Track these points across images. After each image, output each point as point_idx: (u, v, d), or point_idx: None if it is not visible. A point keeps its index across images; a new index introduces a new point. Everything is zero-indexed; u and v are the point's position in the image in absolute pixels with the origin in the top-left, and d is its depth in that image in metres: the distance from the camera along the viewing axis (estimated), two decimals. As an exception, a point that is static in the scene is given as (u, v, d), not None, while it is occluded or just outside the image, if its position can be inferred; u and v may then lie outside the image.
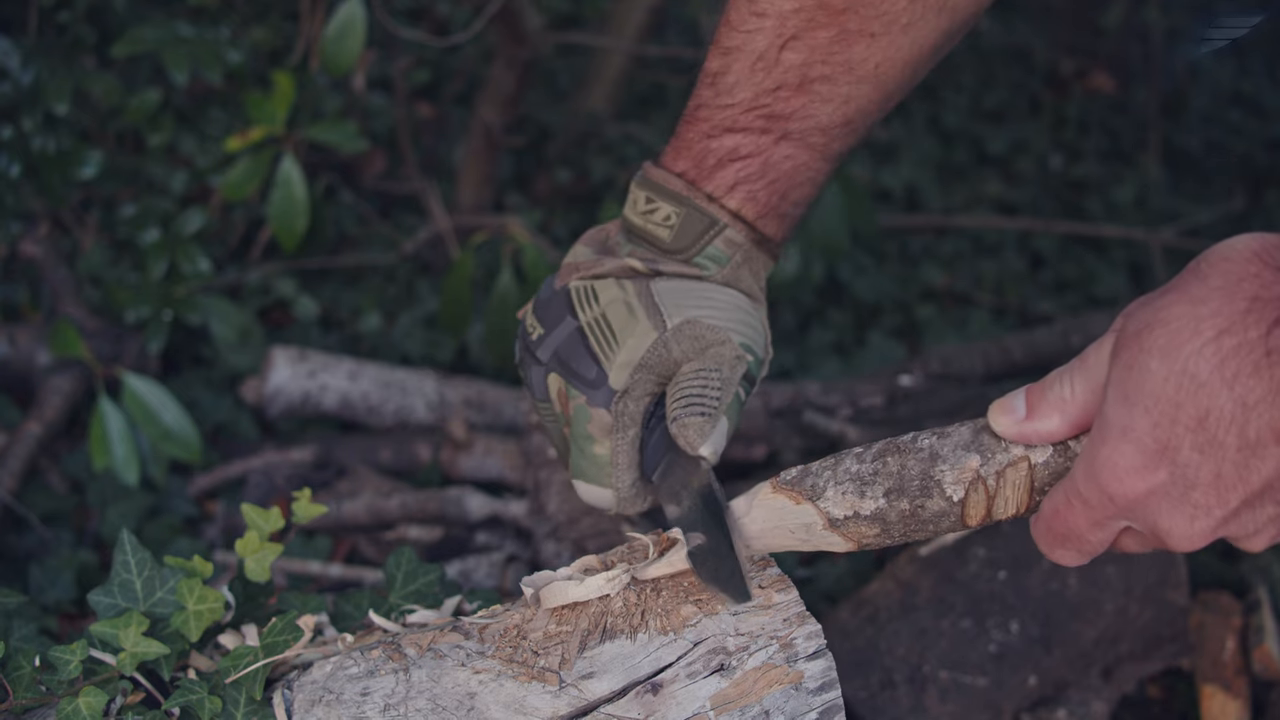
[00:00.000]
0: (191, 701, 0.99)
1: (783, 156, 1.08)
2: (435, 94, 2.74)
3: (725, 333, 1.06)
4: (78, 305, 1.85)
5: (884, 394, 1.89)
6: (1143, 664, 1.50)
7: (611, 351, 1.08)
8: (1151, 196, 3.02)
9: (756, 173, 1.09)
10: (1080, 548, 0.86)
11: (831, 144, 1.09)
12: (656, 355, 1.07)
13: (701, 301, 1.08)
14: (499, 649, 0.97)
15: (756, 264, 1.12)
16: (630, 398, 1.08)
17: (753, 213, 1.10)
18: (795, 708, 0.95)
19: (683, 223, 1.09)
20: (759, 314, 1.12)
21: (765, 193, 1.09)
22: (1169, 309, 0.77)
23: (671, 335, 1.06)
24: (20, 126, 1.90)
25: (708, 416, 1.02)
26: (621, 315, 1.09)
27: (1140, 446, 0.78)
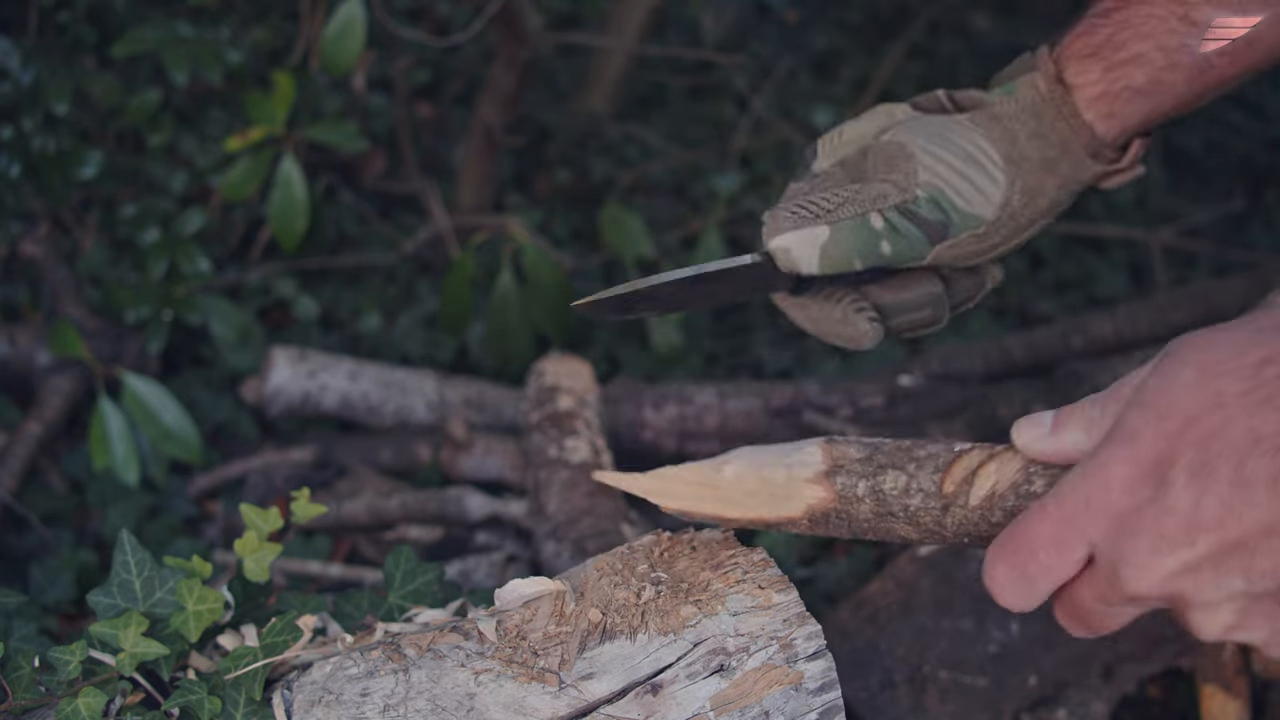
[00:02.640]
0: (191, 702, 0.99)
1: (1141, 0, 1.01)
2: (435, 94, 2.74)
3: (915, 164, 1.02)
4: (78, 305, 1.85)
5: (884, 394, 1.89)
6: (1143, 664, 1.50)
7: (833, 143, 1.09)
8: (1151, 196, 3.01)
9: (1110, 8, 1.02)
10: (1027, 566, 0.77)
11: (1196, 7, 0.99)
12: (856, 158, 1.06)
13: (933, 134, 1.04)
14: (499, 649, 0.97)
15: (1046, 123, 1.03)
16: (818, 183, 1.07)
17: (1080, 48, 1.02)
18: (795, 708, 0.95)
19: (1017, 62, 1.07)
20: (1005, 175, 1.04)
21: (1105, 30, 1.02)
22: (1224, 330, 0.74)
23: (876, 146, 1.05)
24: (20, 126, 1.90)
25: (796, 216, 1.00)
26: (864, 121, 1.09)
27: (1139, 455, 0.73)
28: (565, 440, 1.60)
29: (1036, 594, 0.79)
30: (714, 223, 2.17)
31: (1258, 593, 0.71)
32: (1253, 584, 0.71)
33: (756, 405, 1.86)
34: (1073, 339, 1.97)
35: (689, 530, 1.06)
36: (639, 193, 2.69)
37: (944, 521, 0.87)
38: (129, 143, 2.12)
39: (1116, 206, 2.95)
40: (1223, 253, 2.65)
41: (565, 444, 1.60)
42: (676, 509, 1.00)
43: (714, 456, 1.00)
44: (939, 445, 0.89)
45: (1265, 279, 1.85)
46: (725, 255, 2.13)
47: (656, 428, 1.84)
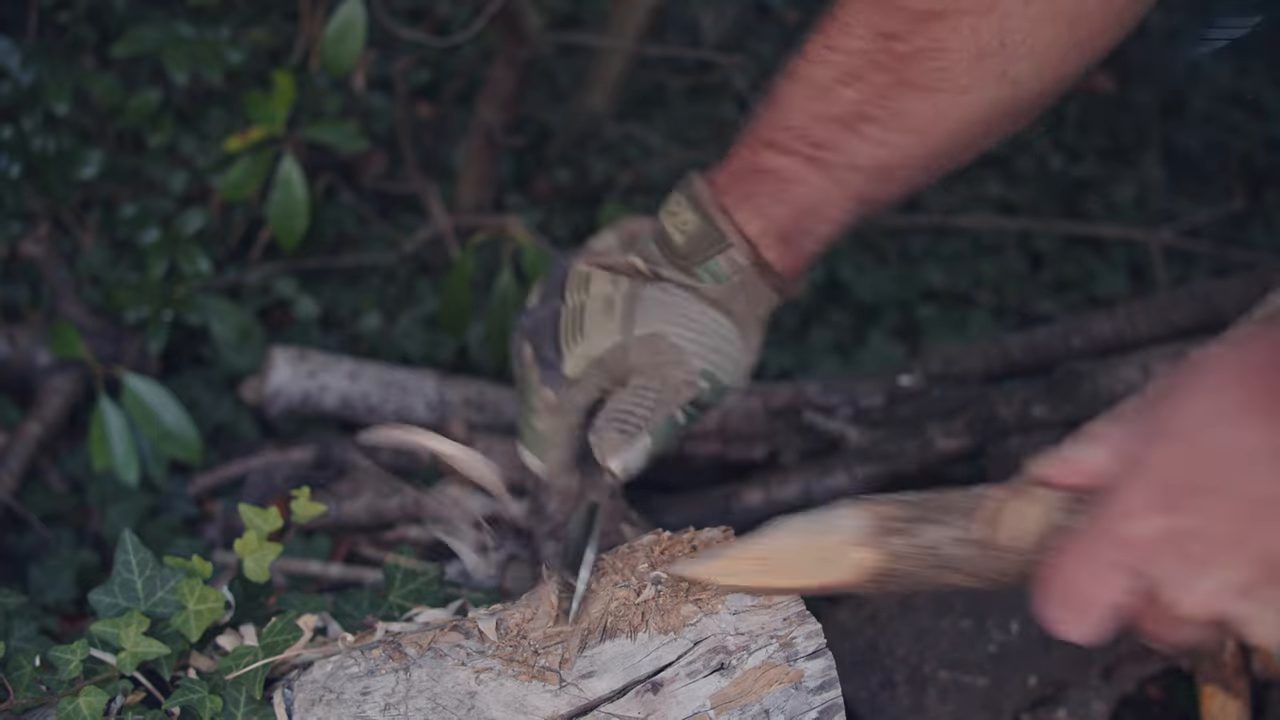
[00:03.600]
0: (192, 701, 0.99)
1: (810, 185, 1.09)
2: (435, 94, 2.74)
3: (686, 355, 1.09)
4: (78, 305, 1.85)
5: (884, 394, 1.89)
6: (1143, 664, 1.50)
7: (575, 341, 1.13)
8: (1151, 196, 3.01)
9: (778, 193, 1.09)
10: (1076, 603, 0.79)
11: (863, 186, 1.09)
12: (614, 357, 1.11)
13: (681, 319, 1.10)
14: (499, 648, 0.97)
15: (755, 290, 1.12)
16: (579, 389, 1.13)
17: (759, 230, 1.10)
18: (795, 707, 0.95)
19: (695, 231, 1.11)
20: (742, 341, 1.12)
21: (780, 211, 1.10)
22: (1224, 353, 0.74)
23: (634, 342, 1.10)
24: (20, 126, 1.90)
25: (626, 434, 1.07)
26: (598, 310, 1.12)
27: (1156, 483, 0.74)
28: (565, 440, 1.60)
29: (1096, 624, 0.80)
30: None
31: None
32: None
33: (756, 405, 1.85)
34: (1073, 339, 1.97)
35: (689, 530, 1.06)
36: (639, 193, 2.69)
37: (981, 565, 0.88)
38: (129, 143, 2.12)
39: (1116, 206, 2.95)
40: (1223, 253, 2.65)
41: (565, 444, 1.60)
42: (743, 586, 0.99)
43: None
44: (960, 495, 0.91)
45: (1265, 279, 1.85)
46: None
47: (656, 427, 1.84)
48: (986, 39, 1.01)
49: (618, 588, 0.99)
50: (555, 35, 2.53)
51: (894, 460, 1.75)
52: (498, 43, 2.13)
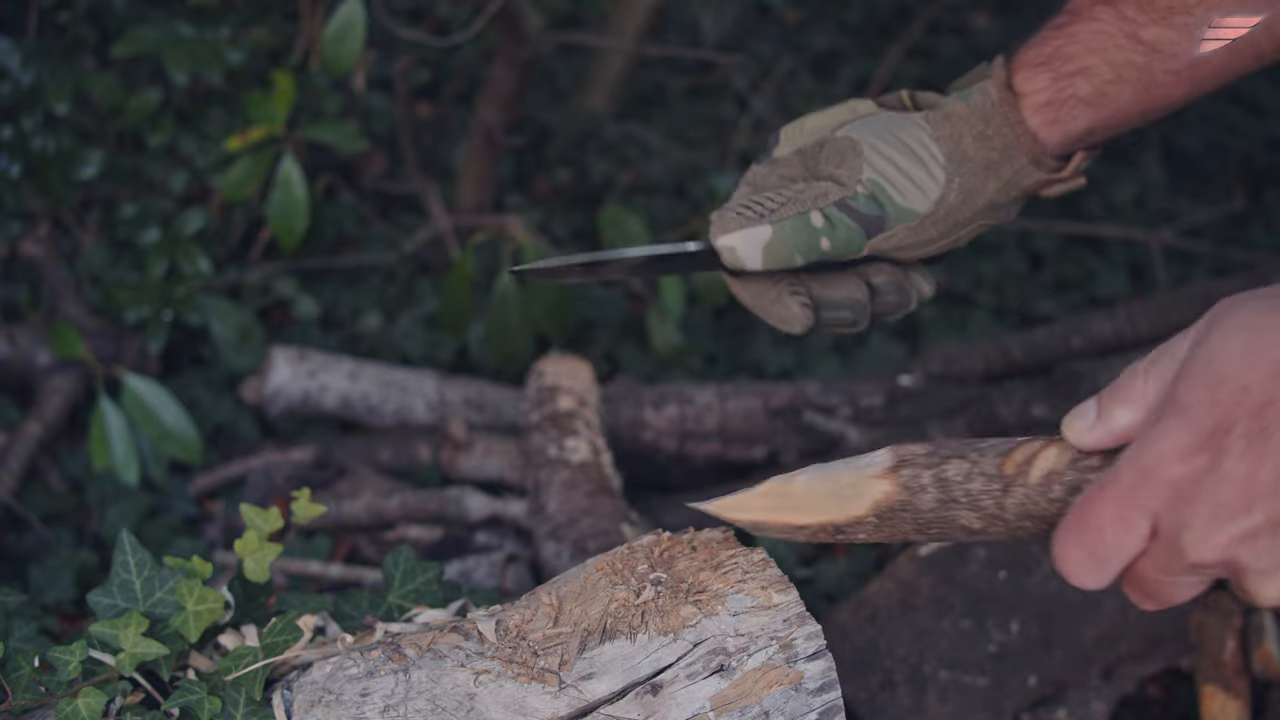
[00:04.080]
0: (191, 702, 0.99)
1: (1091, 16, 1.05)
2: (435, 94, 2.74)
3: (861, 160, 1.06)
4: (78, 305, 1.85)
5: (884, 394, 1.89)
6: (1143, 664, 1.50)
7: (794, 133, 1.13)
8: (1151, 196, 3.01)
9: (1064, 22, 1.07)
10: (1096, 546, 0.78)
11: (1143, 26, 1.04)
12: (812, 149, 1.11)
13: (883, 131, 1.08)
14: (499, 650, 0.97)
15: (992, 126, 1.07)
16: (775, 169, 1.12)
17: (1029, 58, 1.07)
18: (795, 708, 0.95)
19: (974, 71, 1.11)
20: (945, 174, 1.07)
21: (1056, 42, 1.06)
22: (1268, 295, 0.74)
23: (831, 140, 1.09)
24: (20, 126, 1.90)
25: (742, 216, 1.05)
26: (834, 116, 1.13)
27: (1193, 425, 0.73)
28: (565, 440, 1.60)
29: (1108, 571, 0.79)
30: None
31: None
32: None
33: (756, 405, 1.85)
34: (1073, 339, 1.97)
35: (689, 530, 1.06)
36: (639, 193, 2.69)
37: (1005, 503, 0.87)
38: (129, 143, 2.12)
39: (1116, 206, 2.95)
40: (1223, 253, 2.65)
41: (565, 444, 1.60)
42: (749, 520, 0.98)
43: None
44: (999, 440, 0.91)
45: (1265, 279, 1.85)
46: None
47: (656, 428, 1.84)
48: None
49: (617, 588, 0.99)
50: (555, 35, 2.53)
51: (894, 460, 1.74)
52: (498, 43, 2.13)
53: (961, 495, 0.89)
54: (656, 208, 2.59)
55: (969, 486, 0.88)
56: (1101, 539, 0.78)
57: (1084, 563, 0.79)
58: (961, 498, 0.89)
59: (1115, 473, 0.77)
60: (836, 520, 0.93)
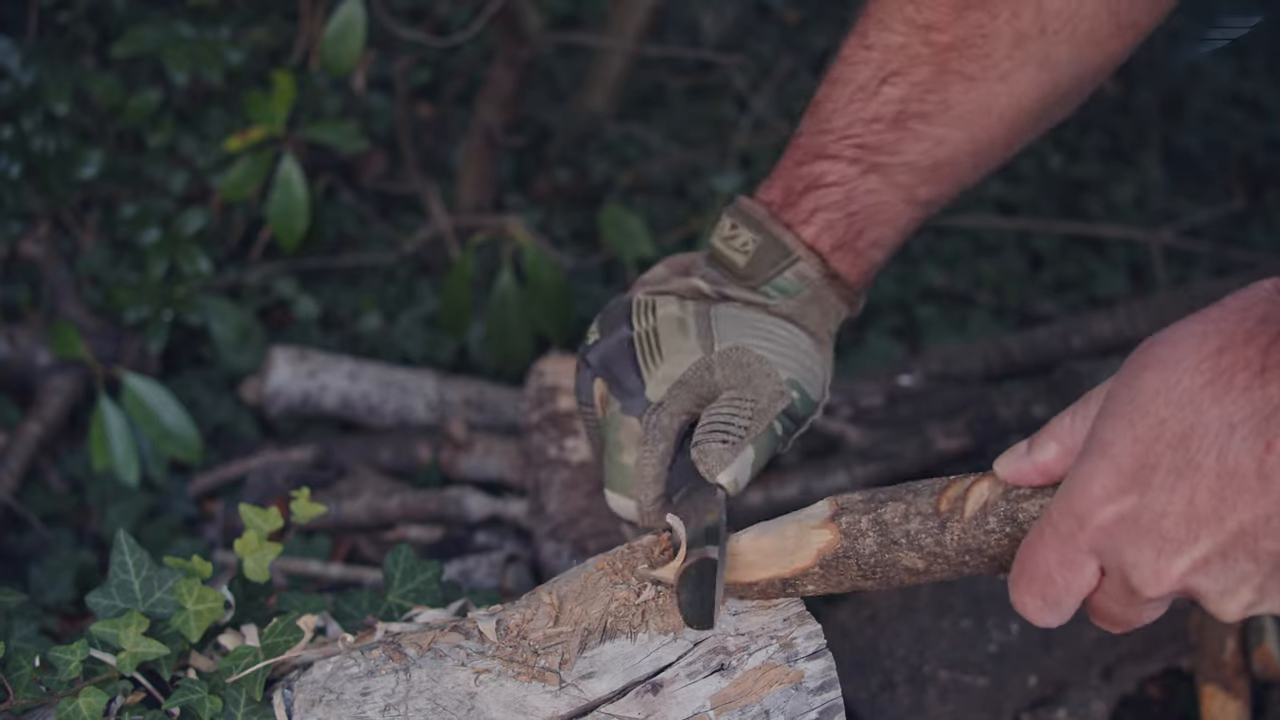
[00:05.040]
0: (192, 701, 0.99)
1: (866, 190, 1.08)
2: (435, 94, 2.74)
3: (772, 365, 1.07)
4: (78, 305, 1.85)
5: (884, 394, 1.89)
6: (1143, 664, 1.50)
7: (654, 364, 1.09)
8: (1151, 196, 3.02)
9: (839, 202, 1.09)
10: (1046, 592, 0.79)
11: (917, 187, 1.09)
12: (698, 375, 1.08)
13: (757, 332, 1.09)
14: (499, 649, 0.97)
15: (826, 304, 1.11)
16: (665, 412, 1.08)
17: (828, 243, 1.10)
18: (795, 707, 0.95)
19: (759, 250, 1.10)
20: (819, 355, 1.11)
21: (843, 224, 1.09)
22: (1178, 328, 0.75)
23: (717, 358, 1.07)
24: (20, 126, 1.90)
25: (730, 445, 1.03)
26: (672, 331, 1.10)
27: (1117, 464, 0.74)
28: (565, 440, 1.60)
29: (1065, 610, 0.81)
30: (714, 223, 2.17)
31: (1269, 570, 0.72)
32: (1262, 564, 0.72)
33: (756, 405, 1.85)
34: (1073, 339, 1.97)
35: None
36: (639, 193, 2.69)
37: (943, 540, 0.88)
38: (129, 143, 2.12)
39: (1116, 206, 2.95)
40: (1223, 253, 2.65)
41: (565, 444, 1.60)
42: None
43: None
44: (933, 480, 0.92)
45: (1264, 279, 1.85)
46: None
47: (656, 428, 1.84)
48: (1026, 24, 1.01)
49: (617, 588, 0.99)
50: (555, 35, 2.53)
51: (894, 460, 1.75)
52: (498, 43, 2.13)
53: (900, 536, 0.90)
54: (656, 208, 2.59)
55: (907, 527, 0.89)
56: (1051, 584, 0.79)
57: (1040, 608, 0.81)
58: (901, 539, 0.90)
59: (1050, 518, 0.78)
60: (783, 574, 0.95)
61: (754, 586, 0.96)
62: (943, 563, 0.88)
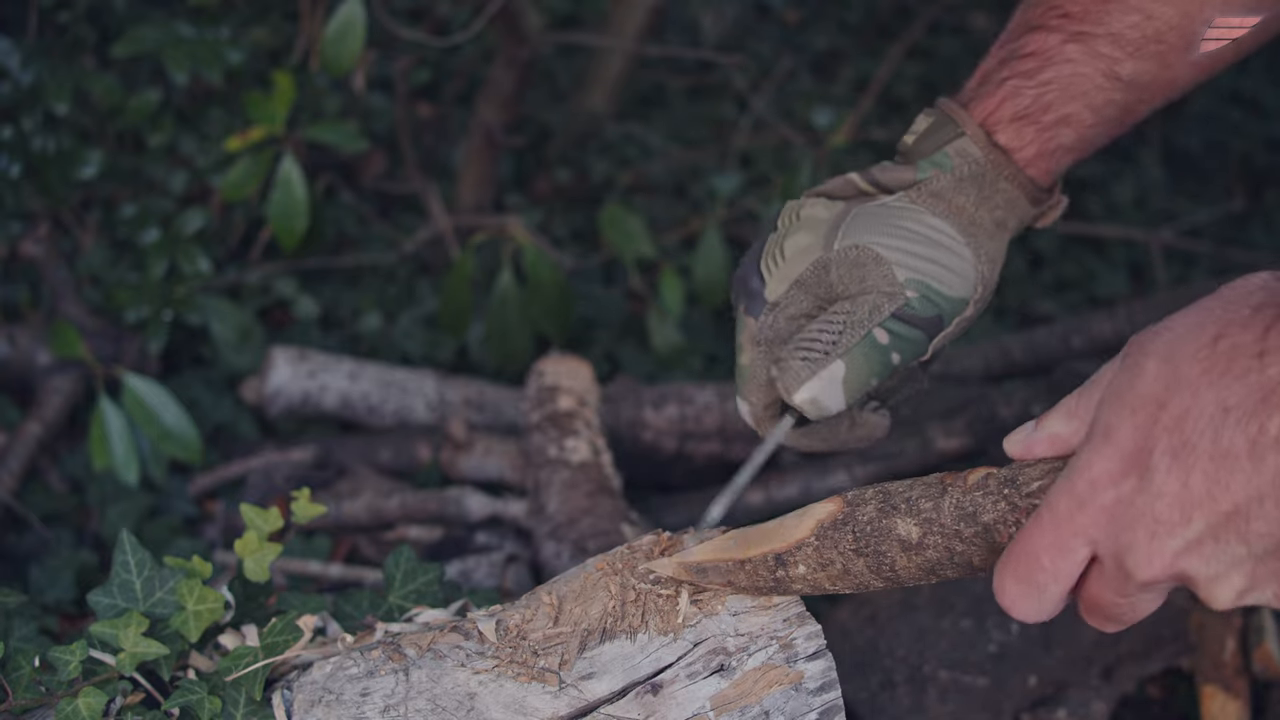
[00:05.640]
0: (191, 701, 0.99)
1: (1065, 58, 1.03)
2: (435, 94, 2.74)
3: (889, 265, 1.01)
4: (78, 305, 1.85)
5: (884, 394, 1.88)
6: (1143, 664, 1.50)
7: (776, 264, 1.06)
8: (1151, 196, 3.02)
9: (1032, 70, 1.03)
10: (1032, 575, 0.79)
11: (1121, 61, 1.02)
12: (815, 275, 1.04)
13: (887, 228, 1.03)
14: (499, 649, 0.97)
15: (990, 187, 1.05)
16: (782, 313, 1.05)
17: (1009, 112, 1.04)
18: (795, 708, 0.95)
19: (929, 128, 1.06)
20: (970, 248, 1.04)
21: (1032, 93, 1.03)
22: (1176, 318, 0.76)
23: (834, 257, 1.03)
24: (20, 126, 1.90)
25: (809, 362, 0.99)
26: (804, 231, 1.06)
27: (1118, 448, 0.74)
28: (565, 440, 1.60)
29: (1048, 601, 0.80)
30: (714, 223, 2.17)
31: (1260, 554, 0.72)
32: (1253, 547, 0.72)
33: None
34: (1073, 339, 1.97)
35: (689, 530, 1.06)
36: (639, 193, 2.69)
37: (941, 505, 0.87)
38: (129, 143, 2.12)
39: (1116, 206, 2.95)
40: (1223, 253, 2.65)
41: (565, 444, 1.60)
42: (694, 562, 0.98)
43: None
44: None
45: (1263, 277, 1.85)
46: (725, 255, 2.13)
47: (656, 428, 1.84)
48: None
49: (618, 588, 0.99)
50: (555, 35, 2.53)
51: (894, 460, 1.75)
52: (498, 43, 2.13)
53: (900, 502, 0.89)
54: (656, 208, 2.59)
55: (909, 494, 0.90)
56: (1039, 566, 0.78)
57: (1023, 593, 0.80)
58: (900, 504, 0.89)
59: (1049, 502, 0.78)
60: (777, 548, 0.94)
61: (745, 565, 0.95)
62: (937, 532, 0.87)
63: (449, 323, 2.01)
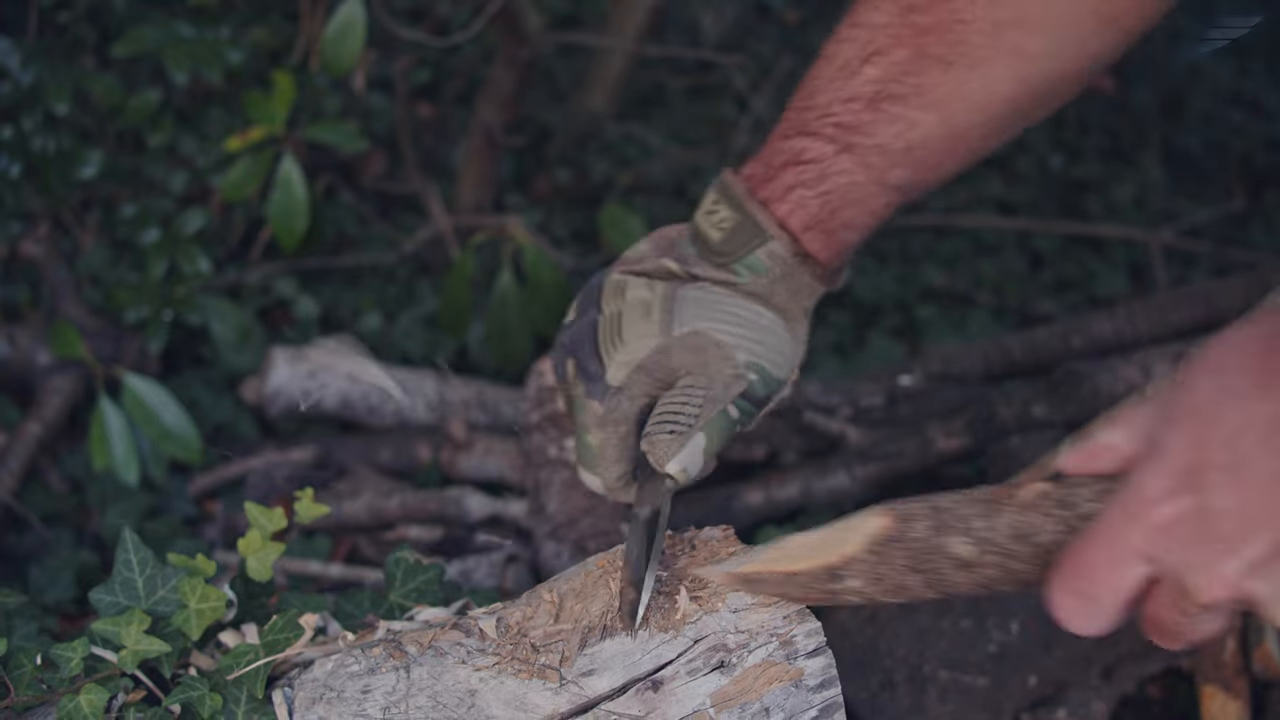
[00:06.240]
0: (192, 699, 0.99)
1: (840, 169, 1.09)
2: (435, 94, 2.74)
3: (730, 349, 1.07)
4: (78, 305, 1.85)
5: (884, 394, 1.89)
6: (1143, 664, 1.50)
7: (614, 348, 1.11)
8: (1151, 196, 3.02)
9: (813, 179, 1.09)
10: (1088, 589, 0.79)
11: (889, 169, 1.09)
12: (656, 360, 1.09)
13: (719, 315, 1.09)
14: (499, 646, 0.97)
15: (797, 282, 1.11)
16: (625, 396, 1.10)
17: (800, 223, 1.10)
18: (795, 705, 0.95)
19: (734, 228, 1.11)
20: (789, 333, 1.11)
21: (816, 203, 1.09)
22: (1230, 332, 0.75)
23: (675, 343, 1.09)
24: (20, 126, 1.90)
25: (676, 435, 1.04)
26: (637, 315, 1.11)
27: (1172, 466, 0.74)
28: (565, 440, 1.60)
29: (1105, 615, 0.81)
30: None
31: None
32: None
33: (756, 405, 1.85)
34: (1073, 339, 1.97)
35: (689, 529, 1.06)
36: (639, 193, 2.69)
37: (996, 524, 0.87)
38: (129, 143, 2.12)
39: (1116, 206, 2.95)
40: (1223, 253, 2.65)
41: (565, 444, 1.60)
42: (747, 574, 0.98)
43: None
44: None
45: (1265, 279, 1.85)
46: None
47: (656, 427, 1.84)
48: (1004, 12, 1.02)
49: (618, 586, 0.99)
50: (555, 35, 2.53)
51: (894, 460, 1.75)
52: (498, 43, 2.13)
53: (954, 520, 0.89)
54: (656, 208, 2.59)
55: (962, 511, 0.89)
56: (1093, 581, 0.79)
57: (1080, 608, 0.81)
58: (954, 522, 0.89)
59: (1104, 518, 0.78)
60: (830, 561, 0.93)
61: (797, 578, 0.94)
62: (993, 551, 0.87)
63: (449, 323, 2.01)
